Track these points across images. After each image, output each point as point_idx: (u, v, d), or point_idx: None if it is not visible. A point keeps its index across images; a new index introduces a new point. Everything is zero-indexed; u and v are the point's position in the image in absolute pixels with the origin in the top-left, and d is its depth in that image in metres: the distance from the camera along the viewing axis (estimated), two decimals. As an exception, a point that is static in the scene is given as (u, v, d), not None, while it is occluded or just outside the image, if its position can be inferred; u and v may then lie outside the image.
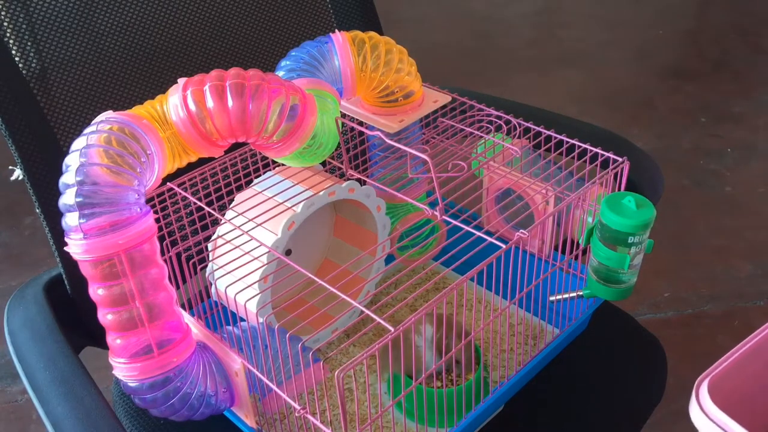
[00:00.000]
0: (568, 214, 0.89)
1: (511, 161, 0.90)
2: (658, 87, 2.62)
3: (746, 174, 2.17)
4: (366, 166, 0.97)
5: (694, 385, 0.60)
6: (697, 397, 0.58)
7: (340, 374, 0.58)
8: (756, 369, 0.64)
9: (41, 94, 0.86)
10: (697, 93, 2.56)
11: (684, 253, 1.89)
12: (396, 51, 0.85)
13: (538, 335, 0.93)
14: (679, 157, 2.24)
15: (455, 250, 0.70)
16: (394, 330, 0.61)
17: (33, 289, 0.85)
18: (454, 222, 0.74)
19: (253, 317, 0.77)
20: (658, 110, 2.48)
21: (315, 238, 0.97)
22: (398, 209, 0.97)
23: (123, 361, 0.66)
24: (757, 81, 2.63)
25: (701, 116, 2.43)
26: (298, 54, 0.81)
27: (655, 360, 0.94)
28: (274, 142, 0.72)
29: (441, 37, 2.97)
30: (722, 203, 2.06)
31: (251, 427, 0.75)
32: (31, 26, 0.86)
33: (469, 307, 0.92)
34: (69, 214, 0.62)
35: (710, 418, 0.57)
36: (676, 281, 1.80)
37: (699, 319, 1.71)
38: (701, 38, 2.97)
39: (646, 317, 1.71)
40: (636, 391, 0.90)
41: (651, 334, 0.97)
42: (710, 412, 0.57)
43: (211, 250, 0.83)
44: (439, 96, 0.91)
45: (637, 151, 1.00)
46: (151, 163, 0.66)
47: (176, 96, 0.67)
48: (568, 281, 0.90)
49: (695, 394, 0.59)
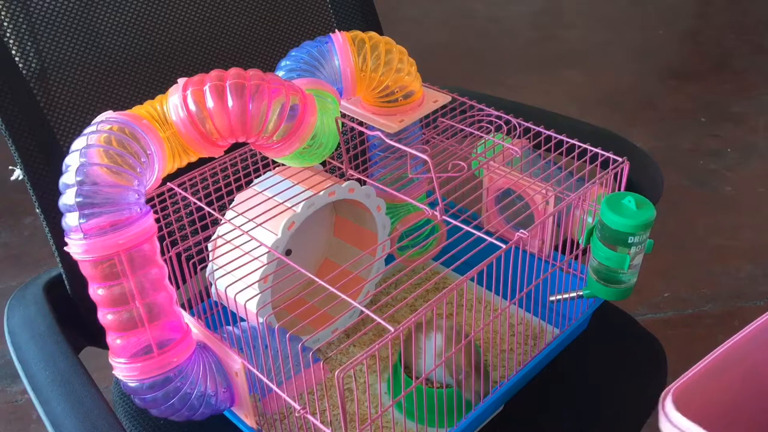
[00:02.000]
0: (568, 214, 0.89)
1: (511, 161, 0.90)
2: (658, 87, 2.62)
3: (746, 174, 2.17)
4: (366, 166, 0.97)
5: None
6: (663, 410, 0.57)
7: (340, 374, 0.58)
8: (729, 379, 0.63)
9: (41, 94, 0.86)
10: (697, 93, 2.56)
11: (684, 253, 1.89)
12: (396, 51, 0.85)
13: (538, 335, 0.93)
14: (679, 157, 2.24)
15: (455, 250, 0.70)
16: (394, 330, 0.61)
17: (33, 289, 0.85)
18: (454, 222, 0.74)
19: (253, 317, 0.77)
20: (658, 110, 2.48)
21: (315, 238, 0.97)
22: (398, 209, 0.97)
23: (123, 361, 0.66)
24: (757, 81, 2.63)
25: (701, 116, 2.43)
26: (298, 54, 0.81)
27: (655, 360, 0.94)
28: (274, 142, 0.72)
29: (441, 37, 2.97)
30: (722, 203, 2.06)
31: (251, 427, 0.75)
32: (31, 26, 0.86)
33: (469, 307, 0.92)
34: (69, 214, 0.62)
35: (679, 429, 0.56)
36: (676, 281, 1.80)
37: (699, 319, 1.71)
38: (701, 38, 2.97)
39: (646, 317, 1.71)
40: (636, 391, 0.90)
41: (651, 334, 0.97)
42: (677, 422, 0.56)
43: (211, 250, 0.83)
44: (439, 96, 0.91)
45: (637, 151, 1.00)
46: (151, 163, 0.66)
47: (176, 96, 0.67)
48: (568, 281, 0.90)
49: (661, 407, 0.58)
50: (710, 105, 2.49)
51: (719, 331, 1.66)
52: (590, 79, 2.67)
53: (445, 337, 0.76)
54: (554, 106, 1.09)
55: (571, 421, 0.86)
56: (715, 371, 0.61)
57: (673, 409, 0.56)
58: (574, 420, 0.86)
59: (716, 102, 2.50)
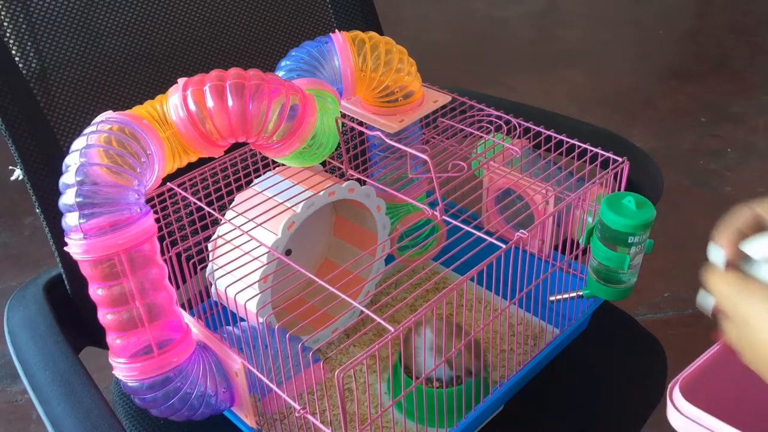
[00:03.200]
0: (568, 214, 0.89)
1: (511, 161, 0.90)
2: (658, 87, 2.62)
3: (746, 174, 2.17)
4: (366, 166, 0.97)
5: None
6: (671, 400, 0.57)
7: (340, 374, 0.58)
8: (735, 368, 0.63)
9: (41, 94, 0.86)
10: (697, 93, 2.56)
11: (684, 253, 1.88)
12: (396, 51, 0.85)
13: (538, 335, 0.93)
14: (679, 157, 2.24)
15: (455, 250, 0.70)
16: (395, 330, 0.61)
17: (33, 290, 0.85)
18: (454, 222, 0.74)
19: (253, 317, 0.77)
20: (658, 110, 2.48)
21: (315, 238, 0.97)
22: (398, 209, 0.97)
23: (123, 361, 0.66)
24: (757, 81, 2.63)
25: (701, 116, 2.43)
26: (298, 54, 0.81)
27: (655, 360, 0.94)
28: (274, 142, 0.72)
29: (441, 37, 2.97)
30: (722, 203, 2.05)
31: (251, 427, 0.75)
32: (31, 26, 0.86)
33: (469, 307, 0.92)
34: (69, 214, 0.62)
35: (688, 417, 0.56)
36: (676, 281, 1.80)
37: (699, 319, 1.70)
38: (701, 38, 2.97)
39: (646, 317, 1.71)
40: (636, 391, 0.90)
41: (651, 334, 0.97)
42: (686, 411, 0.56)
43: (211, 251, 0.83)
44: (439, 96, 0.91)
45: (637, 151, 1.00)
46: (151, 163, 0.66)
47: (176, 96, 0.67)
48: (568, 281, 0.90)
49: (669, 398, 0.58)
50: (710, 105, 2.49)
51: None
52: (590, 79, 2.67)
53: (435, 329, 0.77)
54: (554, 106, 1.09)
55: (571, 421, 0.86)
56: (721, 360, 0.61)
57: (682, 398, 0.56)
58: (574, 420, 0.86)
59: (716, 102, 2.50)
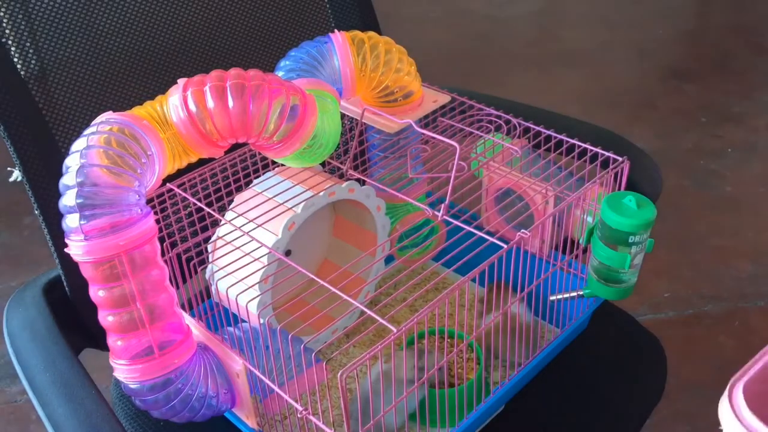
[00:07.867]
0: (568, 213, 0.89)
1: (511, 161, 0.89)
2: (658, 87, 2.62)
3: (746, 174, 2.17)
4: (366, 166, 0.97)
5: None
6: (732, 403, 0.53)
7: (343, 375, 0.58)
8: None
9: (40, 94, 0.86)
10: (697, 93, 2.56)
11: (684, 253, 1.89)
12: (395, 51, 0.85)
13: (538, 335, 0.93)
14: (679, 157, 2.24)
15: (456, 251, 0.70)
16: (396, 330, 0.61)
17: (32, 291, 0.85)
18: (455, 222, 0.74)
19: (255, 318, 0.77)
20: (658, 110, 2.48)
21: (315, 239, 0.97)
22: (398, 209, 0.97)
23: (124, 362, 0.66)
24: (757, 81, 2.63)
25: (701, 116, 2.43)
26: (297, 54, 0.81)
27: (655, 360, 0.94)
28: (274, 143, 0.72)
29: (441, 37, 2.96)
30: (722, 203, 2.06)
31: (252, 428, 0.75)
32: (31, 26, 0.85)
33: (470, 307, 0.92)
34: (69, 216, 0.62)
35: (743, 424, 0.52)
36: (676, 281, 1.80)
37: (699, 319, 1.70)
38: (701, 38, 2.97)
39: (646, 317, 1.71)
40: (636, 391, 0.90)
41: (651, 334, 0.97)
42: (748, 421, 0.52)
43: (211, 251, 0.83)
44: (438, 96, 0.91)
45: (637, 150, 0.99)
46: (151, 164, 0.66)
47: (176, 96, 0.67)
48: (568, 281, 0.90)
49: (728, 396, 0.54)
50: (710, 105, 2.49)
51: (719, 331, 1.66)
52: (590, 79, 2.67)
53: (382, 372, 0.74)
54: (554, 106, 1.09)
55: (571, 421, 0.86)
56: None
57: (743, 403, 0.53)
58: (574, 420, 0.86)
59: (716, 102, 2.50)
